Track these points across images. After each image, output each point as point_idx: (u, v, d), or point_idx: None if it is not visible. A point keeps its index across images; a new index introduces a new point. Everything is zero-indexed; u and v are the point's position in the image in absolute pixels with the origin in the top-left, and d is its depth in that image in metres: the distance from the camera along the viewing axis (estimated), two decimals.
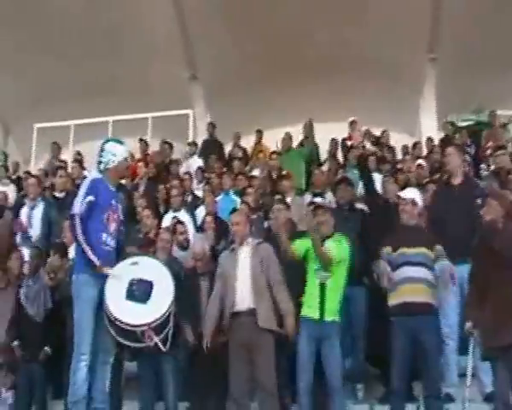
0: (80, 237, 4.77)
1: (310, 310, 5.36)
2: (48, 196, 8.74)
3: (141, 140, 12.11)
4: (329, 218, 5.57)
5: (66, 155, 12.21)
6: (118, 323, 4.71)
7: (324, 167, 10.02)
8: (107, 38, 13.41)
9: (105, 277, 4.79)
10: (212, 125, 12.51)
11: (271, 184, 9.04)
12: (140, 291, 4.78)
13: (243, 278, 5.35)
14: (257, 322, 5.21)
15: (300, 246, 5.49)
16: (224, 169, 10.15)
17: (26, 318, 6.46)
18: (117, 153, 5.14)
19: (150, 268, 5.02)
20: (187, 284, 5.82)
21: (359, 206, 7.07)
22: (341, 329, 5.42)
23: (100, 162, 5.14)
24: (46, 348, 6.31)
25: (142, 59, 13.74)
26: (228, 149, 12.17)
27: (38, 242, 7.69)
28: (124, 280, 4.81)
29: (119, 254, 5.12)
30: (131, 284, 4.81)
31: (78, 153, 11.85)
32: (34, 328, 6.39)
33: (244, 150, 11.73)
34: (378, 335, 5.50)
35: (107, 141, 5.28)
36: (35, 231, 7.86)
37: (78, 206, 4.83)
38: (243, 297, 5.30)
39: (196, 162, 11.07)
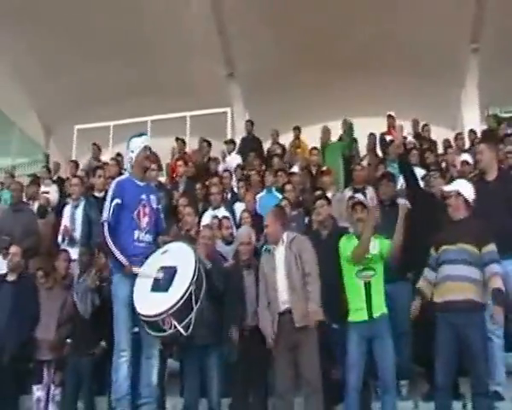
0: (108, 242, 4.88)
1: (357, 314, 5.32)
2: (89, 195, 8.81)
3: (177, 139, 12.14)
4: (366, 216, 5.50)
5: (107, 156, 12.34)
6: (141, 317, 4.75)
7: (364, 163, 9.91)
8: (145, 38, 13.54)
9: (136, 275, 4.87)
10: (250, 123, 12.49)
11: (311, 180, 8.96)
12: (165, 280, 4.78)
13: (281, 278, 5.34)
14: (293, 322, 5.19)
15: None
16: (264, 166, 10.11)
17: (78, 316, 6.49)
18: (135, 147, 5.22)
19: (177, 253, 5.00)
20: (231, 277, 5.83)
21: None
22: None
23: (128, 162, 5.30)
24: (102, 342, 6.28)
25: (180, 58, 13.82)
26: (266, 146, 12.13)
27: (80, 241, 7.77)
28: (151, 274, 4.84)
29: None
30: (158, 274, 4.82)
31: (119, 154, 11.95)
32: (84, 325, 6.42)
33: (283, 147, 11.68)
34: (423, 332, 5.40)
35: (130, 139, 5.32)
36: (78, 231, 7.93)
37: (106, 212, 4.96)
38: (283, 298, 5.29)
39: (235, 160, 11.05)
